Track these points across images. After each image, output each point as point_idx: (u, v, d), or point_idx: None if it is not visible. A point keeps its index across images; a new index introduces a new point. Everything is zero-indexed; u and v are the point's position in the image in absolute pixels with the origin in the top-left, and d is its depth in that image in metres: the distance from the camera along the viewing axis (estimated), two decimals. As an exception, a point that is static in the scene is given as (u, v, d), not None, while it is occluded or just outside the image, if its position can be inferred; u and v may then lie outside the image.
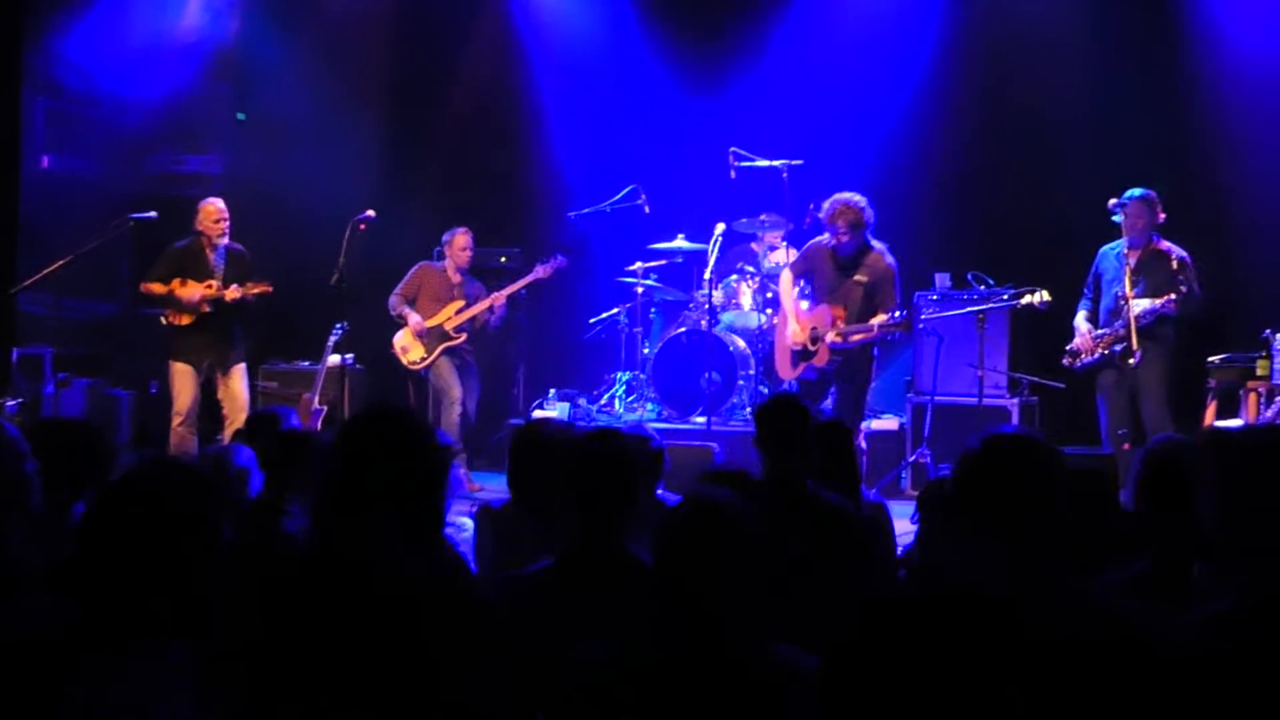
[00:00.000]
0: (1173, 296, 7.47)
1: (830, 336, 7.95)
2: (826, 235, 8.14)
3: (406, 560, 2.85)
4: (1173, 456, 3.37)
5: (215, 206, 9.06)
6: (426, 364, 9.72)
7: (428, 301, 9.80)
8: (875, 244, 8.12)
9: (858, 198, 8.01)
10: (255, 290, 8.94)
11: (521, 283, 9.99)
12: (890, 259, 8.10)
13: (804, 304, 8.41)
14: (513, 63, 11.38)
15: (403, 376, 10.06)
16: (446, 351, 9.73)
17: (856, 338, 7.92)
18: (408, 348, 9.79)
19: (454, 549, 4.06)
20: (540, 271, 9.89)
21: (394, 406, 3.15)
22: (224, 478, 4.28)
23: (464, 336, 9.75)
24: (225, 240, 9.05)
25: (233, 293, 8.87)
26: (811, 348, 8.12)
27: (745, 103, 10.97)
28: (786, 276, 8.52)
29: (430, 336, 9.73)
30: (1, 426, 2.79)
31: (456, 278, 9.88)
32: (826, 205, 8.07)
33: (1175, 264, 7.56)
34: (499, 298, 9.82)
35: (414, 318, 9.73)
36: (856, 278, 7.99)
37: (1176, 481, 3.22)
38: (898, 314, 7.77)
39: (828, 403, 8.31)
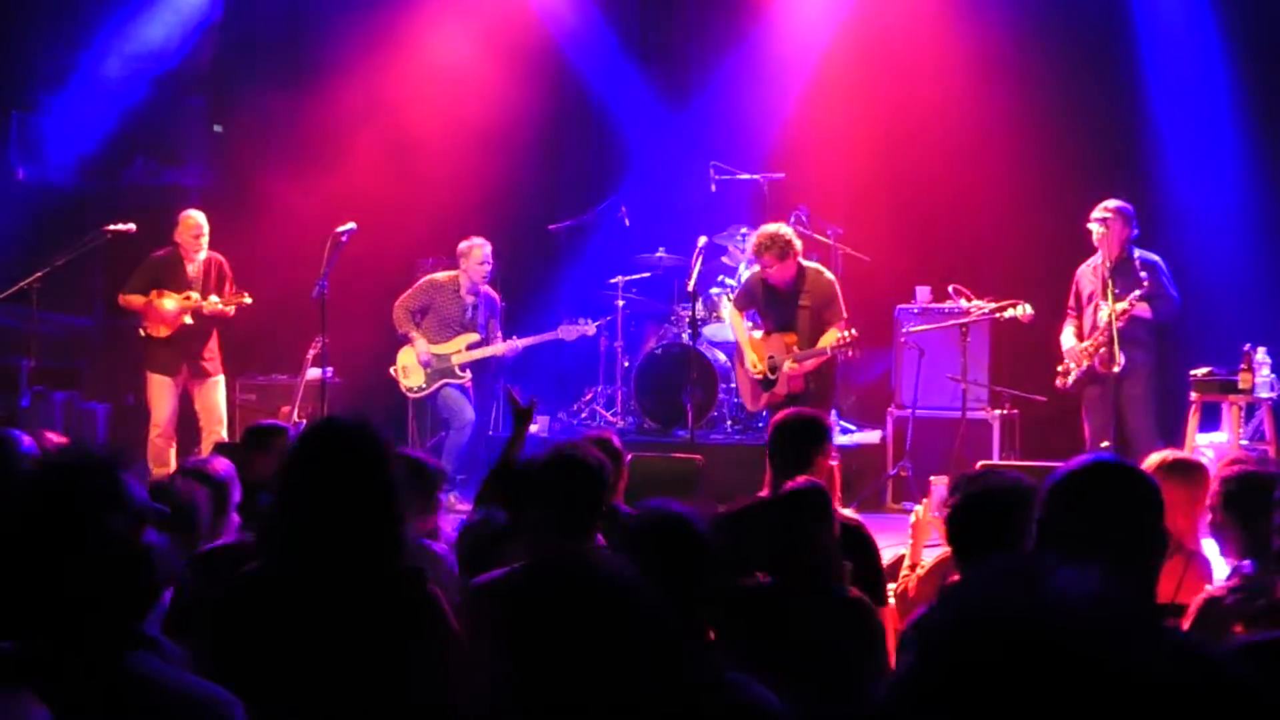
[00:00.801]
0: (1137, 292, 7.52)
1: (787, 367, 7.95)
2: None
3: (359, 576, 2.82)
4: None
5: (194, 219, 9.00)
6: (424, 394, 9.41)
7: (437, 324, 9.37)
8: (808, 264, 8.11)
9: (779, 228, 7.95)
10: (234, 302, 8.89)
11: (541, 338, 9.60)
12: (828, 274, 8.10)
13: (757, 333, 8.37)
14: (493, 74, 11.33)
15: (388, 393, 9.80)
16: (448, 385, 9.36)
17: (811, 363, 7.92)
18: (409, 370, 9.42)
19: (428, 560, 4.04)
20: (562, 334, 9.56)
21: (350, 419, 3.07)
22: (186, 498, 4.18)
23: (467, 375, 9.42)
24: (204, 252, 9.00)
25: (211, 305, 8.82)
26: (772, 376, 8.12)
27: (725, 116, 10.98)
28: (732, 311, 8.50)
29: (434, 367, 9.36)
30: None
31: (470, 298, 9.41)
32: (751, 240, 8.06)
33: (1141, 266, 7.61)
34: (514, 345, 9.43)
35: (421, 345, 9.31)
36: (801, 303, 7.97)
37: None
38: (848, 334, 7.76)
39: None
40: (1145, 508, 2.51)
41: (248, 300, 8.94)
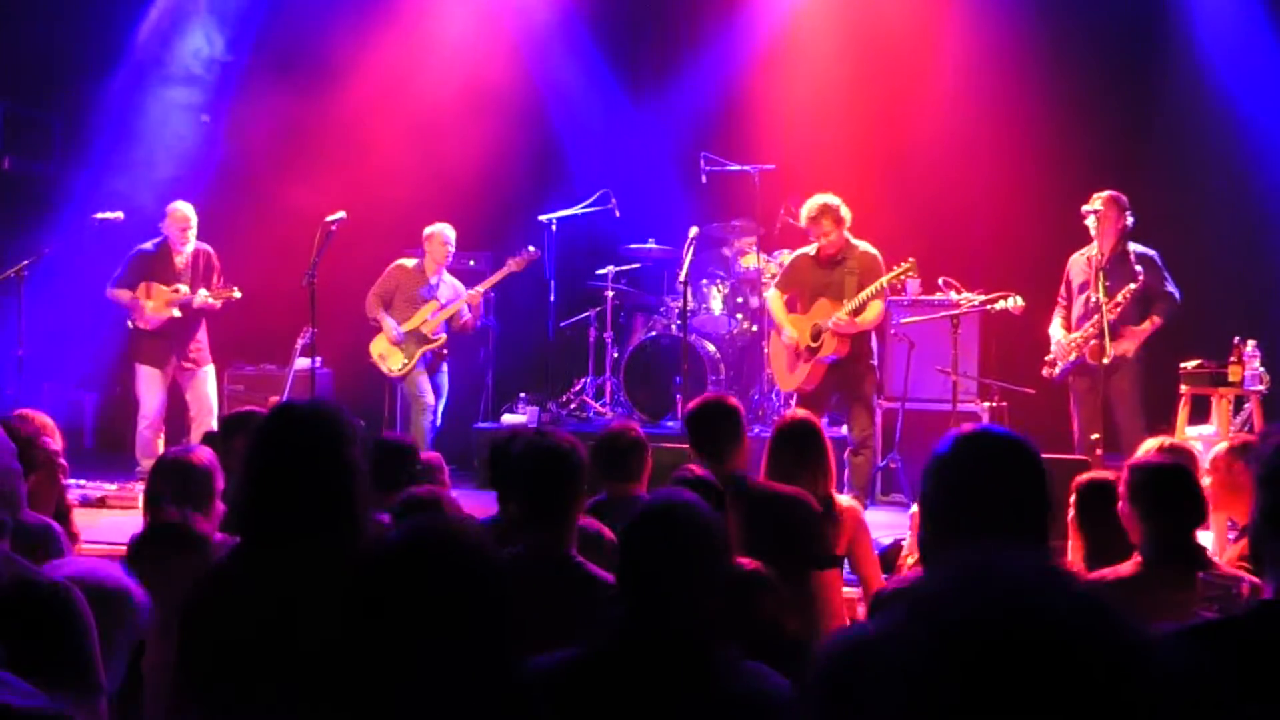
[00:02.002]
0: (1132, 286, 7.52)
1: (833, 321, 7.90)
2: (813, 245, 8.12)
3: (315, 559, 2.81)
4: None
5: (182, 211, 8.97)
6: (409, 370, 9.42)
7: (403, 304, 9.52)
8: (857, 241, 8.15)
9: (830, 197, 8.05)
10: (223, 296, 8.86)
11: (495, 277, 9.70)
12: (875, 250, 8.13)
13: (795, 316, 8.38)
14: (483, 65, 11.30)
15: (375, 381, 9.84)
16: (427, 355, 9.46)
17: (859, 319, 7.89)
18: (386, 355, 9.48)
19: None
20: (513, 265, 9.62)
21: (304, 404, 3.09)
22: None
23: (444, 338, 9.49)
24: (192, 244, 8.96)
25: (201, 299, 8.80)
26: (814, 344, 8.07)
27: (716, 107, 10.97)
28: (775, 295, 8.46)
29: (408, 341, 9.44)
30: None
31: (434, 277, 9.58)
32: (805, 209, 8.08)
33: (1136, 260, 7.61)
34: (474, 296, 9.55)
35: (389, 325, 9.43)
36: (848, 270, 8.00)
37: None
38: (905, 264, 7.85)
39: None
40: (1032, 477, 2.45)
41: (237, 295, 8.92)
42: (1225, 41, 9.83)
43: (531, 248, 9.74)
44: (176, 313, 8.81)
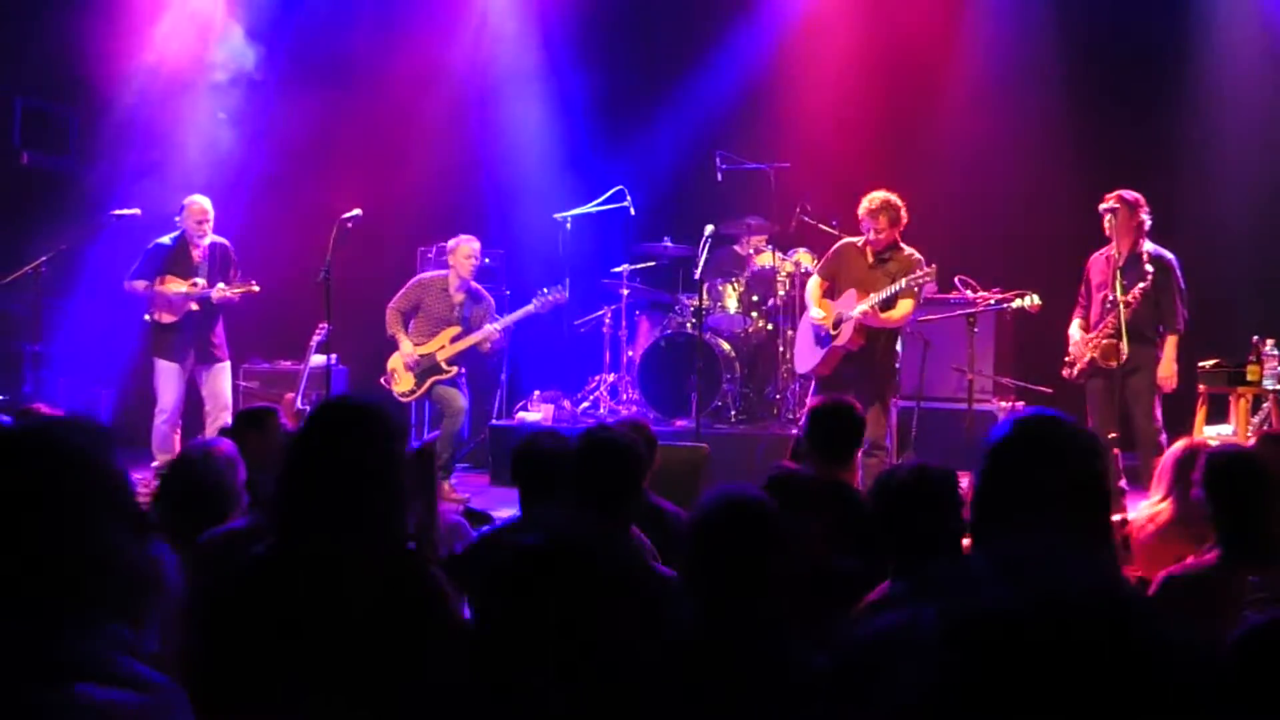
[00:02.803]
0: (1141, 286, 7.46)
1: (858, 311, 7.84)
2: (861, 238, 8.08)
3: (360, 556, 2.80)
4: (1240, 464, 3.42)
5: (200, 204, 8.99)
6: (415, 397, 9.32)
7: (424, 322, 9.34)
8: (906, 246, 8.08)
9: (896, 197, 7.99)
10: (243, 290, 8.88)
11: (516, 315, 9.49)
12: (920, 257, 8.05)
13: (828, 301, 8.31)
14: (498, 61, 11.33)
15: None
16: (438, 384, 9.28)
17: (885, 314, 7.84)
18: (398, 375, 9.38)
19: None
20: (536, 305, 9.42)
21: (359, 399, 3.05)
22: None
23: (455, 370, 9.33)
24: (209, 238, 8.99)
25: (219, 292, 8.81)
26: (834, 331, 8.03)
27: (732, 105, 10.96)
28: (815, 280, 8.38)
29: (421, 368, 9.31)
30: None
31: (459, 295, 9.36)
32: (866, 200, 8.02)
33: (1148, 261, 7.55)
34: (493, 333, 9.30)
35: (406, 347, 9.29)
36: (883, 274, 7.94)
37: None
38: (926, 269, 7.80)
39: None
40: (1092, 459, 2.41)
41: (255, 288, 8.93)
42: (1248, 41, 9.79)
43: (560, 290, 9.48)
44: (194, 305, 8.82)
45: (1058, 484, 2.34)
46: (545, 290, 9.47)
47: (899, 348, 8.16)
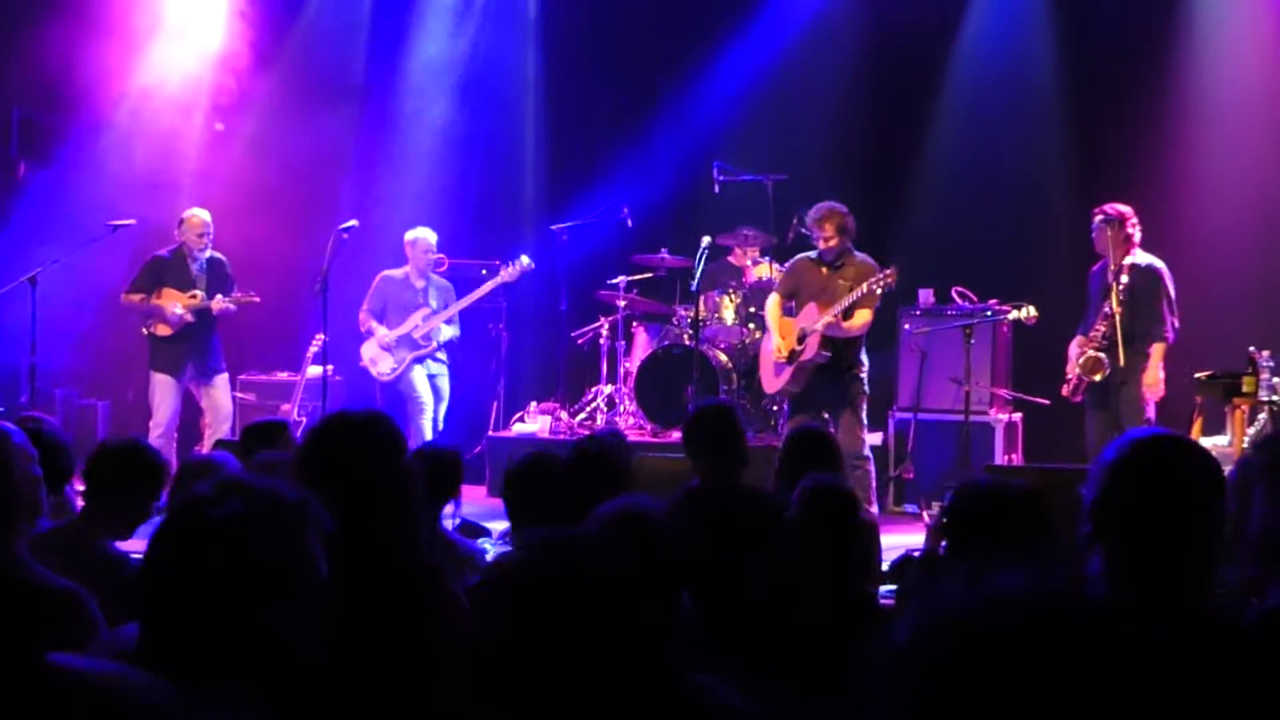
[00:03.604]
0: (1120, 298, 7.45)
1: (821, 323, 7.88)
2: (812, 251, 8.13)
3: (375, 571, 2.77)
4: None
5: (199, 218, 8.97)
6: (396, 374, 9.48)
7: (394, 313, 9.54)
8: (857, 252, 8.13)
9: (841, 206, 8.06)
10: (243, 302, 8.87)
11: (485, 287, 9.69)
12: (873, 262, 8.09)
13: (788, 320, 8.35)
14: (494, 73, 11.33)
15: (389, 390, 9.77)
16: (417, 360, 9.51)
17: (846, 324, 7.86)
18: (376, 359, 9.54)
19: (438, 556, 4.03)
20: (505, 274, 9.61)
21: (361, 412, 3.01)
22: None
23: (434, 344, 9.51)
24: (209, 251, 8.98)
25: (218, 304, 8.79)
26: (798, 347, 8.05)
27: (730, 116, 10.96)
28: (774, 300, 8.46)
29: (399, 347, 9.49)
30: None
31: (420, 282, 9.59)
32: (811, 213, 8.09)
33: (1130, 271, 7.53)
34: (462, 304, 9.63)
35: (380, 332, 9.48)
36: (841, 280, 7.99)
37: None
38: (885, 273, 7.79)
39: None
40: (1211, 485, 2.37)
41: (256, 299, 8.93)
42: (1245, 51, 9.80)
43: (525, 258, 9.69)
44: (189, 318, 8.81)
45: (1177, 508, 2.31)
46: (514, 262, 9.64)
47: (863, 357, 8.14)
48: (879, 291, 7.88)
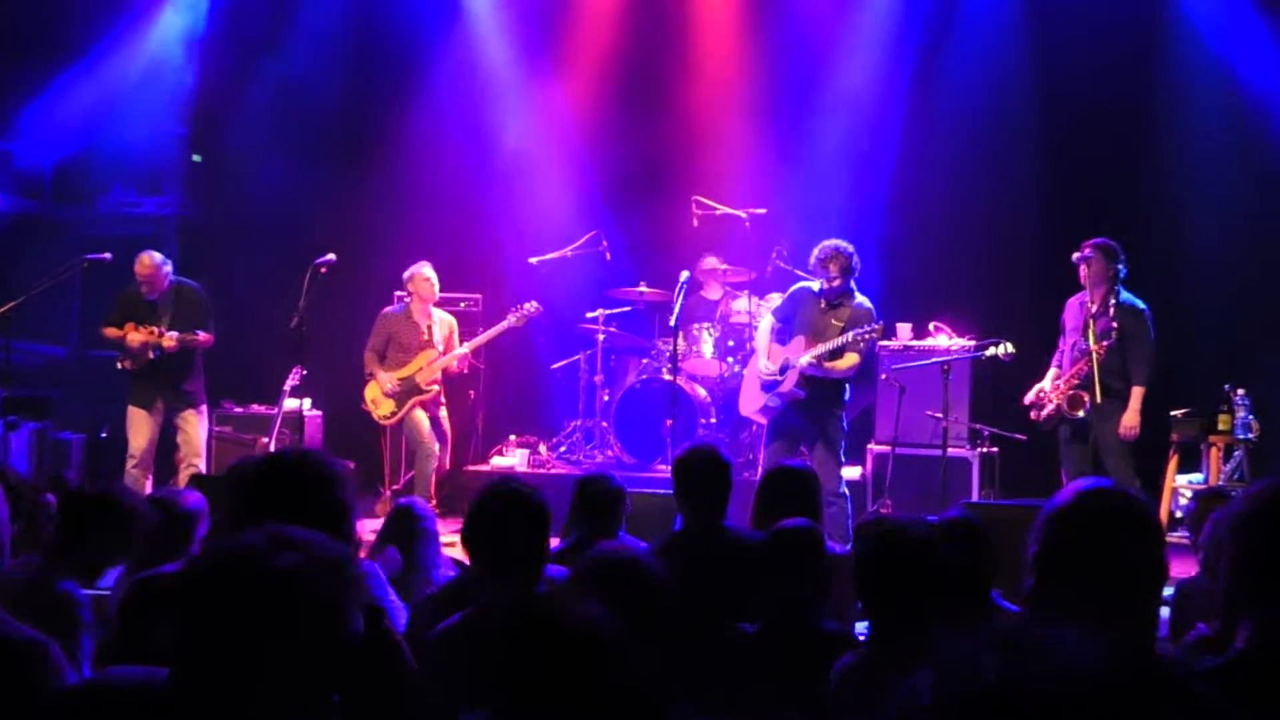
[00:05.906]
0: (1105, 343, 7.46)
1: (804, 360, 7.88)
2: (817, 282, 8.11)
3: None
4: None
5: (143, 262, 8.86)
6: (398, 419, 9.41)
7: (398, 352, 9.47)
8: (859, 294, 8.11)
9: (847, 245, 8.03)
10: (191, 341, 8.75)
11: (494, 332, 9.69)
12: (870, 305, 8.09)
13: (777, 346, 8.36)
14: (474, 106, 11.34)
15: (369, 424, 9.73)
16: (420, 404, 9.42)
17: (830, 364, 7.86)
18: (378, 401, 9.46)
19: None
20: (512, 320, 9.61)
21: (292, 452, 3.02)
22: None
23: (437, 390, 9.48)
24: (158, 292, 8.86)
25: (169, 341, 8.68)
26: (779, 377, 8.06)
27: (708, 151, 10.98)
28: (767, 321, 8.48)
29: (401, 390, 9.41)
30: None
31: (426, 320, 9.54)
32: (817, 251, 8.05)
33: (1115, 313, 7.54)
34: (465, 352, 9.56)
35: (383, 377, 9.39)
36: (834, 321, 7.98)
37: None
38: (873, 325, 7.78)
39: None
40: (1147, 536, 2.39)
41: (200, 337, 8.79)
42: (1215, 94, 9.87)
43: (533, 303, 9.67)
44: (150, 354, 8.73)
45: (1121, 560, 2.33)
46: (522, 307, 9.62)
47: (846, 398, 8.14)
48: (863, 343, 7.86)
